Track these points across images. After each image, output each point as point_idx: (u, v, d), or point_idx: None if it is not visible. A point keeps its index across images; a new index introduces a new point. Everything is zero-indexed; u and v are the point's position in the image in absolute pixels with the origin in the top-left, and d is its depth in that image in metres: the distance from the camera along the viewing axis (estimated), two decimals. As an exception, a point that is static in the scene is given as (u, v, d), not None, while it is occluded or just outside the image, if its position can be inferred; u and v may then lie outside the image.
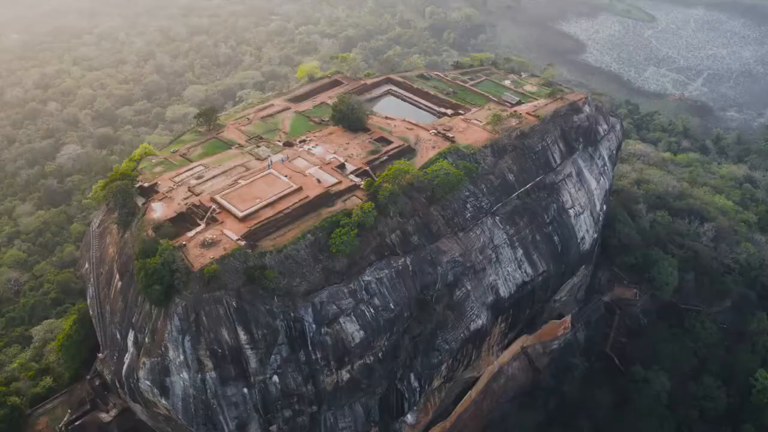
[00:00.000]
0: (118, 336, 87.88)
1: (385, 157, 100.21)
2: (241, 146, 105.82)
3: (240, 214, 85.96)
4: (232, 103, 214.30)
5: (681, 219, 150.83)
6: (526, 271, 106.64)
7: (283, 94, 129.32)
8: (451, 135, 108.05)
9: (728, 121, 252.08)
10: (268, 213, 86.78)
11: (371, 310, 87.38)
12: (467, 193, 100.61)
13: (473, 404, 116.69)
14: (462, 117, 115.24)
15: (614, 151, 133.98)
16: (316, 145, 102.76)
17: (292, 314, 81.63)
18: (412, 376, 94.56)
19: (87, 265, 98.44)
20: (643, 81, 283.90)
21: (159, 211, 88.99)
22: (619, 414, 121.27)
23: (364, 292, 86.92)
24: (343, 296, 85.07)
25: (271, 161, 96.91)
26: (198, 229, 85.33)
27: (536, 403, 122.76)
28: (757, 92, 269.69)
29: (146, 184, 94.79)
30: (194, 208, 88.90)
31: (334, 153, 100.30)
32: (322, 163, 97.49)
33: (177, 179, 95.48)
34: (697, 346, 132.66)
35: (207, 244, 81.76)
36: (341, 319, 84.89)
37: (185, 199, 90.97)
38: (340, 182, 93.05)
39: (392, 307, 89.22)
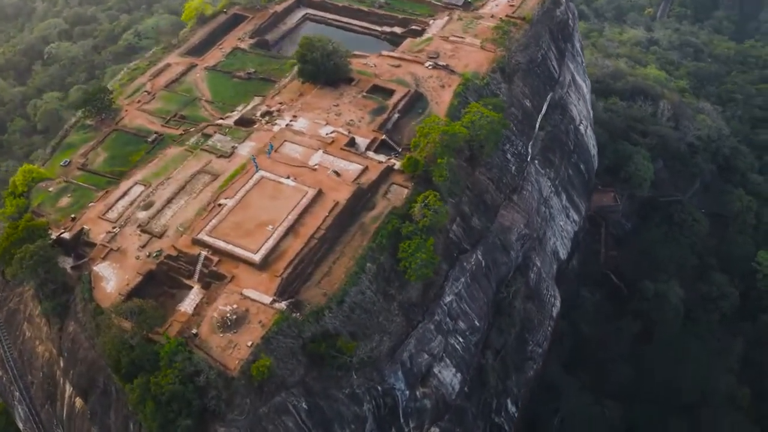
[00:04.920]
0: (101, 483, 56.16)
1: (396, 115, 70.57)
2: (160, 135, 72.58)
3: (256, 258, 54.63)
4: (41, 62, 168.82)
5: (632, 102, 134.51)
6: (573, 219, 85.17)
7: (173, 47, 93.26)
8: (444, 63, 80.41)
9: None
10: (296, 244, 55.96)
11: (460, 339, 61.94)
12: (503, 140, 74.83)
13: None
14: (439, 36, 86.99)
15: (582, 41, 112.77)
16: (295, 116, 70.48)
17: (379, 388, 54.38)
18: (508, 402, 70.46)
19: (1, 372, 63.11)
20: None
21: (112, 279, 55.70)
22: (646, 343, 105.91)
23: (447, 318, 60.76)
24: (431, 336, 58.49)
25: (254, 159, 63.96)
26: (194, 296, 53.71)
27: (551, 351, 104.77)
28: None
29: (67, 235, 59.87)
30: (171, 261, 56.32)
31: (328, 124, 69.08)
32: (322, 144, 66.07)
33: (111, 216, 61.20)
34: (692, 242, 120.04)
35: (230, 324, 50.71)
36: (435, 369, 58.96)
37: (144, 247, 57.79)
38: (366, 168, 62.61)
39: (477, 324, 64.16)
